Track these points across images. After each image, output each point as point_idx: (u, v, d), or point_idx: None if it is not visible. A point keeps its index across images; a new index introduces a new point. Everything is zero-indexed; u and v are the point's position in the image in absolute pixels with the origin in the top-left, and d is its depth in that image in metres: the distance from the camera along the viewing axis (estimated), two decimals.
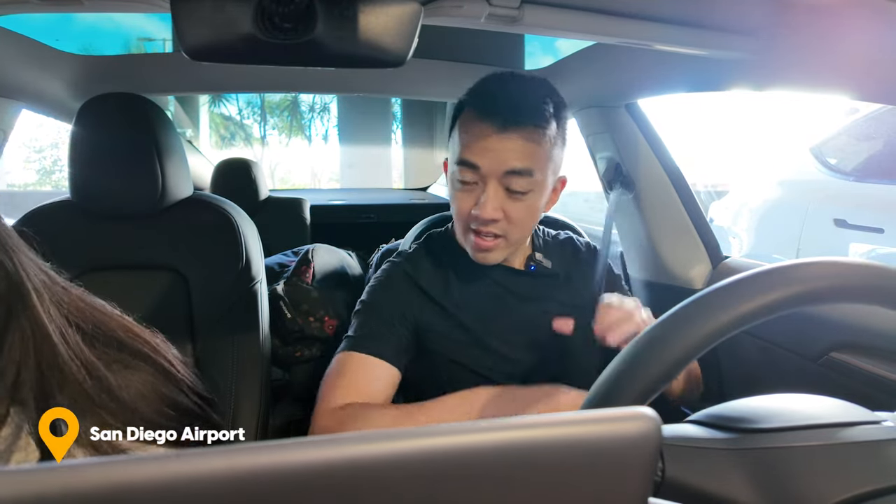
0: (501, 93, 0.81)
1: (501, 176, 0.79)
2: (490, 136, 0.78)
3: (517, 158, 0.79)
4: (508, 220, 0.82)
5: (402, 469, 0.22)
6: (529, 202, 0.82)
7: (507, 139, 0.78)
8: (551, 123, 0.81)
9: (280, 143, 7.57)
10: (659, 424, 0.26)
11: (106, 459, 0.20)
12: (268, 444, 0.21)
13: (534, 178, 0.80)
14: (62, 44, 1.11)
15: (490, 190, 0.80)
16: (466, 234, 0.86)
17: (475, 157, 0.80)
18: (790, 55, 0.78)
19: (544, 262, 0.95)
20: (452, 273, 0.93)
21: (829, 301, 0.40)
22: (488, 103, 0.80)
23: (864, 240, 2.45)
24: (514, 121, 0.78)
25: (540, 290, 0.94)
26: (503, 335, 0.90)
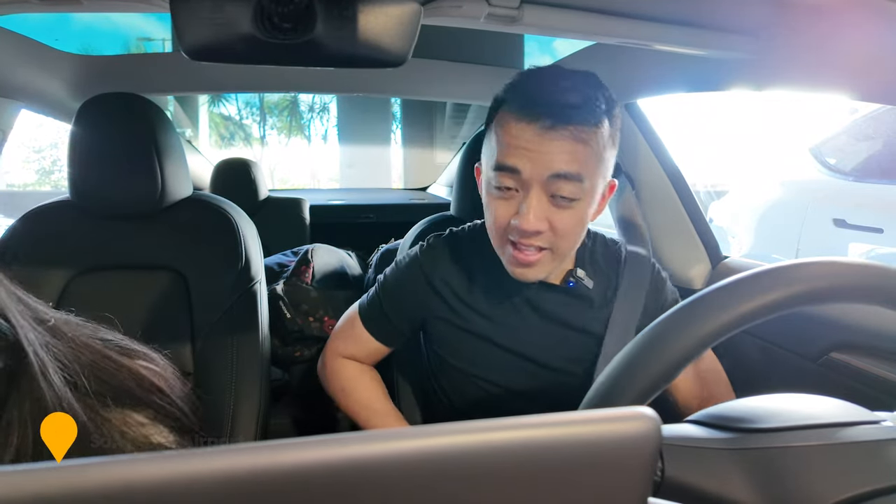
0: (546, 88, 0.71)
1: (546, 181, 0.70)
2: (533, 138, 0.69)
3: (564, 161, 0.69)
4: (554, 232, 0.73)
5: (402, 469, 0.22)
6: (577, 211, 0.73)
7: (554, 140, 0.69)
8: (604, 122, 0.71)
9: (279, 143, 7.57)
10: (659, 424, 0.26)
11: (106, 459, 0.20)
12: (268, 444, 0.21)
13: (583, 183, 0.71)
14: (61, 43, 1.11)
15: (533, 197, 0.71)
16: (504, 246, 0.77)
17: (516, 161, 0.70)
18: (790, 55, 0.78)
19: (585, 282, 0.85)
20: (478, 279, 0.86)
21: (829, 301, 0.40)
22: (531, 100, 0.70)
23: (864, 240, 2.46)
24: (561, 119, 0.68)
25: (572, 311, 0.85)
26: (517, 352, 0.85)
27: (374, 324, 0.92)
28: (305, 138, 7.56)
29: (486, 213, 0.78)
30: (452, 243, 0.91)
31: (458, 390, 0.89)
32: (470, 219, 1.00)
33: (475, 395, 0.87)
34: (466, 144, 1.20)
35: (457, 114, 3.45)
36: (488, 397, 0.86)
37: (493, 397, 0.86)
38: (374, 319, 0.92)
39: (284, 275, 1.36)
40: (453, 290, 0.87)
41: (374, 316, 0.92)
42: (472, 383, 0.87)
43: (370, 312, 0.93)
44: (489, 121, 0.78)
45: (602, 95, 0.72)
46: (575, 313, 0.85)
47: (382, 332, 0.92)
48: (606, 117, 0.72)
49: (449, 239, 0.92)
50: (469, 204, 1.17)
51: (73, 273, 0.97)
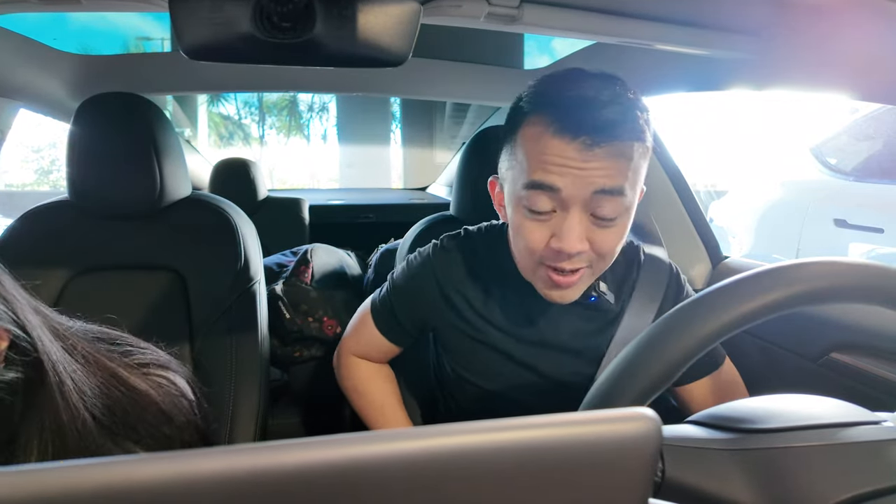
0: (585, 100, 0.64)
1: (587, 199, 0.65)
2: (575, 155, 0.63)
3: (607, 178, 0.64)
4: (596, 251, 0.68)
5: (402, 469, 0.22)
6: (619, 228, 0.68)
7: (597, 157, 0.63)
8: (645, 132, 0.66)
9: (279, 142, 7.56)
10: (659, 425, 0.26)
11: (106, 459, 0.20)
12: (267, 444, 0.21)
13: (625, 197, 0.66)
14: (60, 43, 1.11)
15: (574, 217, 0.65)
16: (538, 271, 0.72)
17: (555, 179, 0.64)
18: (791, 55, 0.78)
19: (607, 296, 0.80)
20: (495, 291, 0.82)
21: (829, 301, 0.40)
22: (570, 114, 0.64)
23: (864, 240, 2.46)
24: (606, 136, 0.62)
25: (592, 327, 0.81)
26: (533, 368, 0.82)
27: (385, 324, 0.90)
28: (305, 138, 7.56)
29: (517, 236, 0.72)
30: (467, 248, 0.85)
31: (467, 401, 0.88)
32: (469, 219, 0.99)
33: (485, 407, 0.85)
34: (466, 144, 1.20)
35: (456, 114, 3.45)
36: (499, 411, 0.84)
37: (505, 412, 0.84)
38: (385, 320, 0.91)
39: (284, 275, 1.36)
40: (468, 300, 0.83)
41: (385, 316, 0.91)
42: (484, 396, 0.85)
43: (381, 311, 0.91)
44: (511, 132, 0.71)
45: (639, 106, 0.67)
46: (596, 329, 0.81)
47: (393, 333, 0.91)
48: (647, 124, 0.67)
49: (464, 242, 0.86)
50: (469, 204, 1.17)
51: (72, 273, 0.97)
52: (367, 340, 0.93)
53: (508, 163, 0.72)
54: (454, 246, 0.86)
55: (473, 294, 0.83)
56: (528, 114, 0.68)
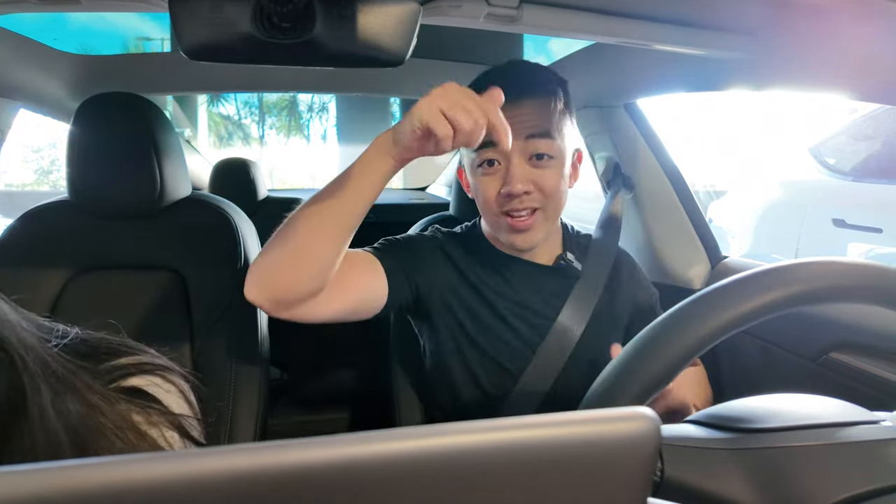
0: (508, 72, 0.83)
1: (523, 144, 0.79)
2: (504, 110, 0.70)
3: (535, 122, 0.79)
4: (541, 191, 0.81)
5: (401, 469, 0.22)
6: (556, 169, 0.81)
7: (522, 106, 0.79)
8: (560, 94, 0.82)
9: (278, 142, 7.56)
10: (658, 424, 0.26)
11: (106, 459, 0.20)
12: (267, 444, 0.21)
13: (554, 140, 0.80)
14: (60, 43, 1.11)
15: (515, 162, 0.79)
16: (499, 220, 0.84)
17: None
18: (789, 55, 0.78)
19: (574, 263, 0.92)
20: (478, 262, 0.91)
21: (828, 301, 0.40)
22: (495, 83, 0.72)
23: (863, 240, 2.46)
24: (526, 91, 0.79)
25: (562, 292, 0.89)
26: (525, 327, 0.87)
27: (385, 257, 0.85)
28: (304, 138, 7.55)
29: (477, 196, 0.85)
30: (459, 235, 0.96)
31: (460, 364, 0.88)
32: (469, 219, 1.00)
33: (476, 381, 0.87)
34: None
35: None
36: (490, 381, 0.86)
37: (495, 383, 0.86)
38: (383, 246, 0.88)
39: None
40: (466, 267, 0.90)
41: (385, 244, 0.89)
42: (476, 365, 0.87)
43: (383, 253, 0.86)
44: None
45: (552, 73, 0.85)
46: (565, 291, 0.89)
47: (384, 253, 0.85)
48: (560, 88, 0.83)
49: (455, 233, 0.97)
50: (468, 204, 1.17)
51: (72, 273, 0.97)
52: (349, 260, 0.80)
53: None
54: (452, 235, 0.97)
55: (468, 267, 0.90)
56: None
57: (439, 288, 0.88)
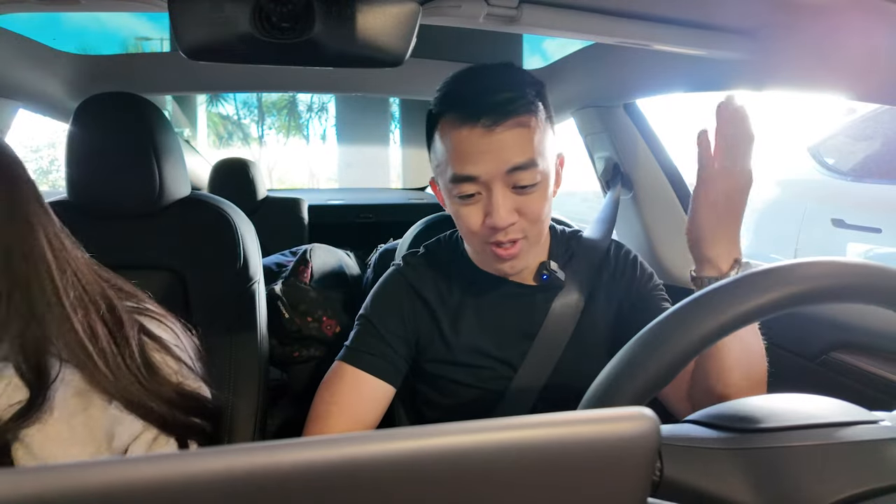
0: (479, 88, 0.73)
1: (504, 176, 0.72)
2: (481, 140, 0.71)
3: (516, 153, 0.71)
4: (526, 219, 0.75)
5: (401, 469, 0.22)
6: (541, 193, 0.75)
7: (500, 136, 0.70)
8: (538, 105, 0.74)
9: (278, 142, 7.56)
10: (657, 424, 0.26)
11: (106, 460, 0.20)
12: (267, 444, 0.21)
13: (538, 167, 0.73)
14: (59, 43, 1.11)
15: (498, 195, 0.72)
16: (484, 248, 0.78)
17: (471, 168, 0.72)
18: (788, 55, 0.78)
19: (558, 274, 0.85)
20: (457, 286, 0.86)
21: (828, 301, 0.40)
22: (468, 104, 0.72)
23: (862, 239, 2.46)
24: (501, 113, 0.70)
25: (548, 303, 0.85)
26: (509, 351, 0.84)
27: (368, 357, 0.81)
28: (304, 138, 7.56)
29: (457, 222, 0.80)
30: (431, 259, 0.90)
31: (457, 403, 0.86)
32: None
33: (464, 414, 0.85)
34: None
35: None
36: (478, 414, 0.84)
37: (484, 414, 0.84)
38: (367, 352, 0.82)
39: (283, 275, 1.36)
40: (440, 299, 0.86)
41: (366, 345, 0.83)
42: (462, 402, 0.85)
43: (359, 348, 0.83)
44: (430, 135, 0.80)
45: (528, 81, 0.76)
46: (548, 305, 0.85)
47: (380, 363, 0.81)
48: (539, 100, 0.75)
49: (426, 256, 0.91)
50: None
51: None
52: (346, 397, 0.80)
53: (435, 161, 0.80)
54: (418, 260, 0.90)
55: (446, 295, 0.86)
56: (437, 115, 0.76)
57: (423, 332, 0.86)
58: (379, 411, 0.81)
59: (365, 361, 0.81)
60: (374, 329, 0.84)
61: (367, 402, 0.80)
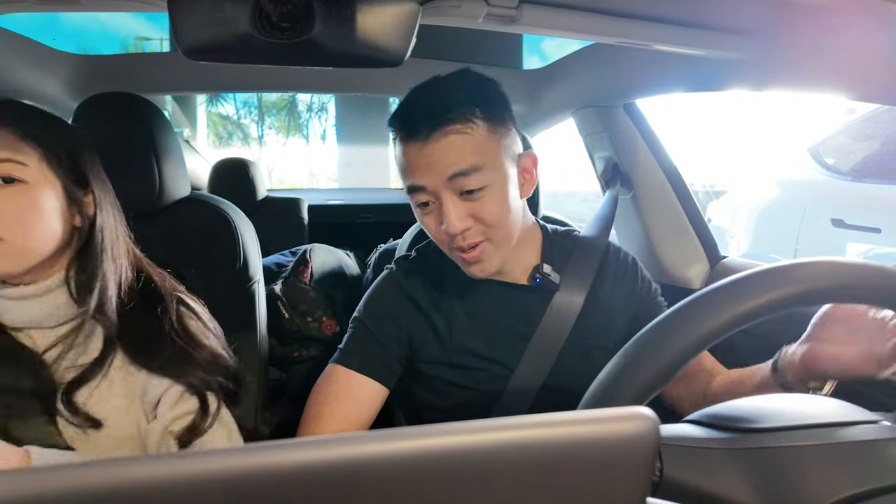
0: (414, 104, 0.77)
1: (448, 183, 0.73)
2: (419, 152, 0.74)
3: (454, 160, 0.73)
4: (482, 223, 0.76)
5: (401, 469, 0.22)
6: (494, 196, 0.75)
7: (435, 146, 0.73)
8: (474, 110, 0.74)
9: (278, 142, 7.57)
10: (657, 424, 0.26)
11: (106, 460, 0.20)
12: (267, 444, 0.21)
13: (483, 171, 0.73)
14: (59, 43, 1.11)
15: (447, 202, 0.74)
16: (451, 253, 0.80)
17: (416, 179, 0.75)
18: (788, 55, 0.78)
19: (552, 276, 0.85)
20: (449, 289, 0.87)
21: (828, 301, 0.40)
22: (405, 120, 0.76)
23: (862, 240, 2.46)
24: (432, 125, 0.73)
25: (542, 306, 0.85)
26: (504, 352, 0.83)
27: (362, 358, 0.82)
28: (304, 138, 7.56)
29: (425, 230, 0.82)
30: (422, 263, 0.91)
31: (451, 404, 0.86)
32: None
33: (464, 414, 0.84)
34: None
35: None
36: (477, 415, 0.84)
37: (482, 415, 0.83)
38: (360, 353, 0.83)
39: (283, 275, 1.36)
40: (430, 302, 0.86)
41: (359, 350, 0.83)
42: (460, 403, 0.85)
43: (352, 350, 0.83)
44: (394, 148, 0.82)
45: (466, 87, 0.76)
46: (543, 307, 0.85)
47: (373, 364, 0.82)
48: (476, 105, 0.75)
49: (417, 260, 0.92)
50: None
51: None
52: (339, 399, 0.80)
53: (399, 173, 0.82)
54: (410, 264, 0.91)
55: (437, 297, 0.86)
56: (391, 131, 0.80)
57: (416, 334, 0.85)
58: (372, 412, 0.82)
59: (357, 363, 0.81)
60: (367, 331, 0.84)
61: (360, 403, 0.81)
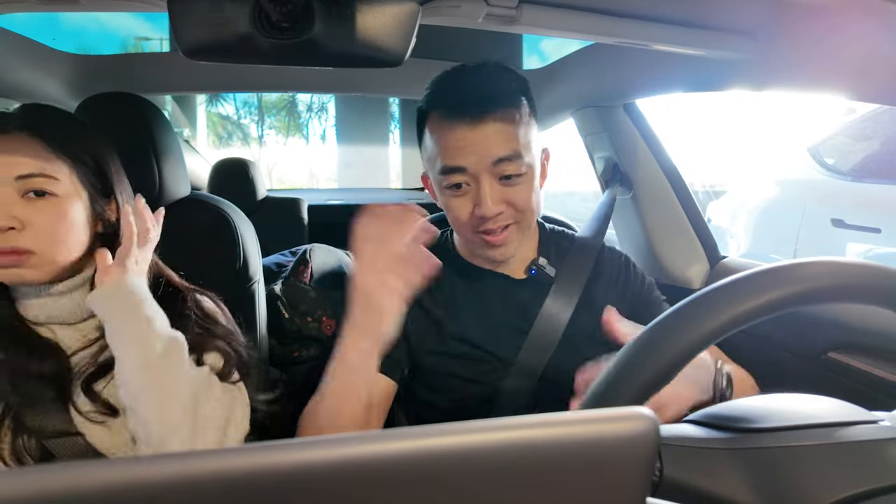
0: (462, 86, 0.79)
1: (491, 167, 0.76)
2: (468, 133, 0.75)
3: (501, 146, 0.75)
4: (514, 207, 0.79)
5: (401, 469, 0.22)
6: (527, 183, 0.79)
7: (485, 129, 0.75)
8: (521, 99, 0.79)
9: (277, 142, 7.57)
10: (657, 424, 0.26)
11: (106, 460, 0.20)
12: (267, 444, 0.21)
13: (523, 159, 0.77)
14: (59, 43, 1.11)
15: (485, 186, 0.76)
16: (473, 238, 0.82)
17: (459, 160, 0.76)
18: (788, 55, 0.78)
19: (547, 270, 0.88)
20: (447, 282, 0.87)
21: (827, 301, 0.40)
22: (455, 99, 0.77)
23: (862, 240, 2.46)
24: (483, 108, 0.75)
25: (539, 299, 0.87)
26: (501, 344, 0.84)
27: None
28: (303, 138, 7.56)
29: (448, 214, 0.83)
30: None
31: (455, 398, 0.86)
32: None
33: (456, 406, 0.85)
34: None
35: None
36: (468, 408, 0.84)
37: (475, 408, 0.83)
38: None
39: (282, 275, 1.36)
40: (431, 298, 0.85)
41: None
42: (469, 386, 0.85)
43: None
44: (419, 131, 0.84)
45: (513, 77, 0.81)
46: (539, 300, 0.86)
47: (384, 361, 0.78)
48: (522, 96, 0.80)
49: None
50: None
51: None
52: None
53: (425, 155, 0.83)
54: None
55: (435, 290, 0.85)
56: (426, 111, 0.81)
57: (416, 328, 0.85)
58: (383, 409, 0.80)
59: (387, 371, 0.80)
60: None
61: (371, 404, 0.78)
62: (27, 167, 0.64)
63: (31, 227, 0.64)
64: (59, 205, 0.67)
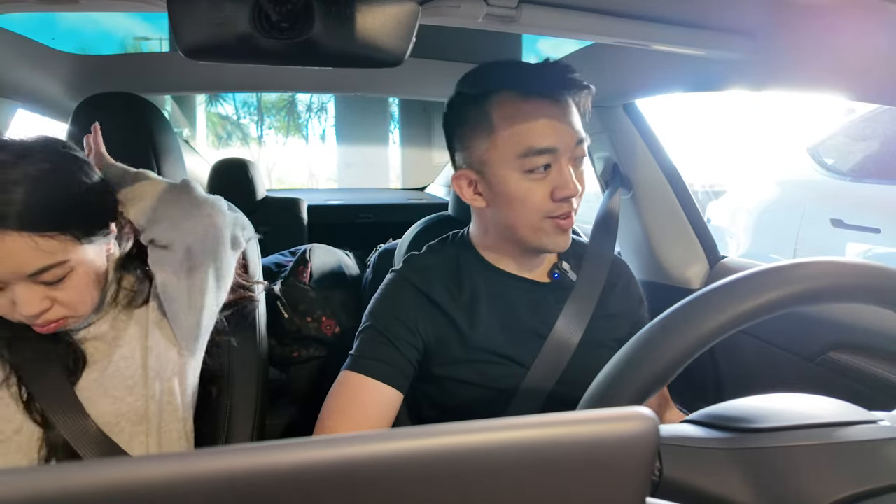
0: (539, 64, 0.78)
1: (573, 148, 0.76)
2: (557, 112, 0.75)
3: (579, 127, 0.76)
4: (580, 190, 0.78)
5: (401, 469, 0.22)
6: (584, 169, 0.80)
7: (567, 108, 0.76)
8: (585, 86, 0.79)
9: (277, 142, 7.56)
10: (656, 424, 0.26)
11: (106, 460, 0.20)
12: (267, 444, 0.21)
13: (586, 141, 0.78)
14: (58, 43, 1.11)
15: (566, 168, 0.75)
16: (542, 224, 0.78)
17: (550, 140, 0.74)
18: (787, 55, 0.78)
19: (570, 274, 0.88)
20: (469, 285, 0.84)
21: (827, 301, 0.40)
22: (533, 78, 0.76)
23: (861, 240, 2.46)
24: (566, 86, 0.76)
25: (560, 303, 0.85)
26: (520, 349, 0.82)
27: (375, 363, 0.78)
28: (303, 138, 7.55)
29: (518, 203, 0.77)
30: (437, 258, 0.88)
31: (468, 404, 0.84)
32: (467, 219, 0.99)
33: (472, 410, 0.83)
34: None
35: None
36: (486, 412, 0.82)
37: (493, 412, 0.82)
38: (373, 358, 0.78)
39: (282, 275, 1.36)
40: (451, 299, 0.83)
41: (373, 351, 0.79)
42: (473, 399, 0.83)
43: (365, 355, 0.79)
44: (477, 122, 0.78)
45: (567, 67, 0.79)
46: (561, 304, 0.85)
47: (387, 369, 0.78)
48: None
49: (430, 254, 0.89)
50: (467, 204, 1.16)
51: None
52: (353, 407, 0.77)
53: (484, 147, 0.78)
54: (422, 261, 0.88)
55: (456, 293, 0.84)
56: (488, 95, 0.77)
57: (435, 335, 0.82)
58: (389, 418, 0.78)
59: (370, 367, 0.77)
60: (380, 335, 0.80)
61: (377, 410, 0.77)
62: (32, 265, 0.65)
63: (58, 301, 0.69)
64: (76, 273, 0.69)
